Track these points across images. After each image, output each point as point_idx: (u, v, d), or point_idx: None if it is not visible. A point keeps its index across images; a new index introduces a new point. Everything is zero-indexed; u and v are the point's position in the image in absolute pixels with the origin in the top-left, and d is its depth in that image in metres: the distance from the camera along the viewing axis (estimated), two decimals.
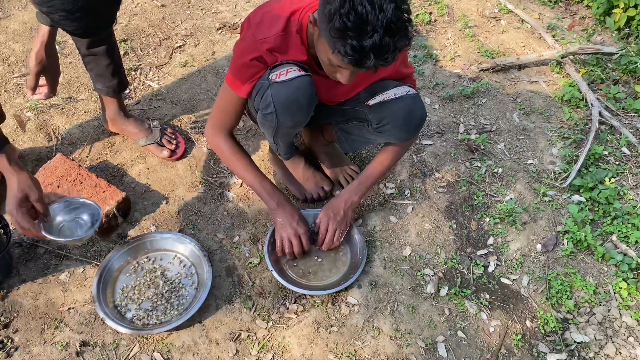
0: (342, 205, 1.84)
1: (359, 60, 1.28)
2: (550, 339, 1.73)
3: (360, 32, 1.23)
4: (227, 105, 1.70)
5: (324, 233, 1.84)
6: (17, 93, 2.38)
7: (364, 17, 1.21)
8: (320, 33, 1.34)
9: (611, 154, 2.23)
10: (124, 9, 2.84)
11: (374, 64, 1.28)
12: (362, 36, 1.23)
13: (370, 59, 1.27)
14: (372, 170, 1.85)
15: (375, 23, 1.22)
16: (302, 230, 1.81)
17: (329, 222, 1.84)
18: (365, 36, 1.23)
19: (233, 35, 2.75)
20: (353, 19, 1.22)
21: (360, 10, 1.21)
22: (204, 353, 1.66)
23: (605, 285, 1.85)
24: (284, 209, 1.81)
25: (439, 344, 1.70)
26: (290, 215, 1.81)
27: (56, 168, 1.96)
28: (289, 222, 1.80)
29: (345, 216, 1.85)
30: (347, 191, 1.86)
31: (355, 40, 1.24)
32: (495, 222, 2.01)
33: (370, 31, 1.23)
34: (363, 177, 1.86)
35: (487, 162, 2.20)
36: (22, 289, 1.77)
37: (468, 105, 2.44)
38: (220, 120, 1.75)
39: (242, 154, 1.79)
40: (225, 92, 1.67)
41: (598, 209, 2.04)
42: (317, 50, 1.43)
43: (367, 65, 1.29)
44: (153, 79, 2.50)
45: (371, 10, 1.21)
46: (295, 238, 1.80)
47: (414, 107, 1.68)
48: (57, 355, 1.63)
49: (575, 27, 2.84)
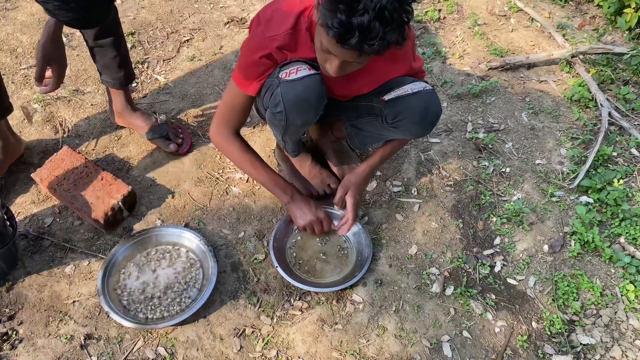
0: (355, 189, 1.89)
1: (343, 36, 1.26)
2: (556, 341, 1.72)
3: (351, 7, 1.22)
4: (234, 104, 1.69)
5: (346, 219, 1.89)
6: (24, 85, 2.37)
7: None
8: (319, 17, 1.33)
9: (620, 155, 2.21)
10: (131, 1, 2.84)
11: (357, 43, 1.26)
12: (352, 13, 1.22)
13: (355, 37, 1.25)
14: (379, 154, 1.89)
15: (367, 3, 1.20)
16: (321, 214, 1.85)
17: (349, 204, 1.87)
18: (355, 13, 1.22)
19: (241, 29, 2.74)
20: None
21: None
22: (208, 348, 1.66)
23: (612, 288, 1.84)
24: (299, 200, 1.84)
25: (444, 343, 1.69)
26: (306, 204, 1.84)
27: (62, 161, 1.96)
28: (308, 210, 1.84)
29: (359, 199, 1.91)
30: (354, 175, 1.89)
31: (344, 15, 1.23)
32: (502, 222, 2.00)
33: (360, 9, 1.21)
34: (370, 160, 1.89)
35: (495, 161, 2.19)
36: (27, 281, 1.77)
37: (476, 103, 2.42)
38: (227, 119, 1.73)
39: (250, 152, 1.78)
40: (232, 90, 1.66)
41: (606, 211, 2.02)
42: (315, 36, 1.41)
43: (350, 43, 1.26)
44: (160, 73, 2.49)
45: None
46: (317, 224, 1.84)
47: (431, 103, 1.67)
48: (62, 348, 1.63)
49: (585, 27, 2.82)
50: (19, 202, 1.97)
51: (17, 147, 2.03)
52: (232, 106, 1.70)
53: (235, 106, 1.69)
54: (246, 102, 1.67)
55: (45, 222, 1.91)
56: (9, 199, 1.97)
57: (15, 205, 1.95)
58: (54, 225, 1.91)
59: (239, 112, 1.71)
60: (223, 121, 1.74)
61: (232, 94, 1.67)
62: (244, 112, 1.72)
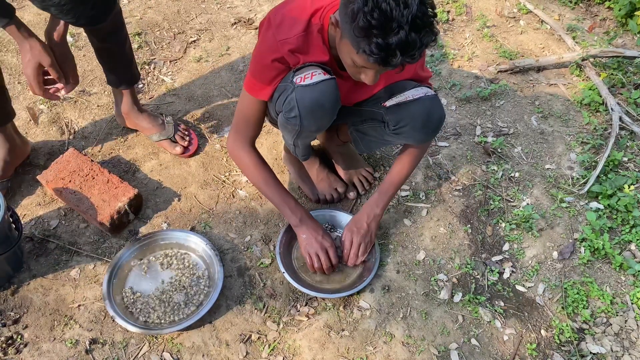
0: (364, 219, 1.81)
1: (385, 59, 1.24)
2: (565, 349, 1.69)
3: (385, 29, 1.20)
4: (248, 113, 1.67)
5: (348, 248, 1.81)
6: None
7: (389, 13, 1.18)
8: (343, 34, 1.31)
9: (631, 161, 2.19)
10: (138, 1, 2.82)
11: (400, 61, 1.25)
12: (388, 33, 1.20)
13: (397, 57, 1.23)
14: (392, 180, 1.81)
15: (400, 19, 1.18)
16: (327, 243, 1.79)
17: (353, 237, 1.81)
18: (390, 33, 1.20)
19: (248, 30, 2.72)
20: (377, 17, 1.19)
21: (385, 7, 1.18)
22: (213, 354, 1.64)
23: (623, 296, 1.82)
24: (308, 224, 1.78)
25: (452, 351, 1.67)
26: (315, 230, 1.78)
27: (68, 163, 1.95)
28: (314, 237, 1.77)
29: (369, 230, 1.81)
30: (368, 205, 1.83)
31: (380, 38, 1.21)
32: (511, 227, 1.98)
33: (395, 28, 1.19)
34: (383, 187, 1.82)
35: (504, 165, 2.17)
36: (32, 284, 1.76)
37: (485, 107, 2.40)
38: (242, 131, 1.71)
39: (264, 168, 1.75)
40: (245, 99, 1.64)
41: (617, 217, 2.00)
42: (340, 52, 1.40)
43: (393, 64, 1.26)
44: (167, 74, 2.48)
45: (395, 6, 1.17)
46: (322, 252, 1.77)
47: (433, 109, 1.64)
48: (67, 352, 1.62)
49: (596, 29, 2.79)
50: (25, 204, 1.96)
51: (23, 149, 2.03)
52: (246, 116, 1.68)
53: (249, 116, 1.67)
54: (260, 110, 1.65)
55: (50, 225, 1.91)
56: (14, 201, 1.96)
57: (21, 207, 1.95)
58: (60, 228, 1.90)
59: (254, 121, 1.69)
60: (238, 132, 1.72)
61: (245, 102, 1.65)
62: (258, 122, 1.69)
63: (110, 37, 1.92)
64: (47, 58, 1.57)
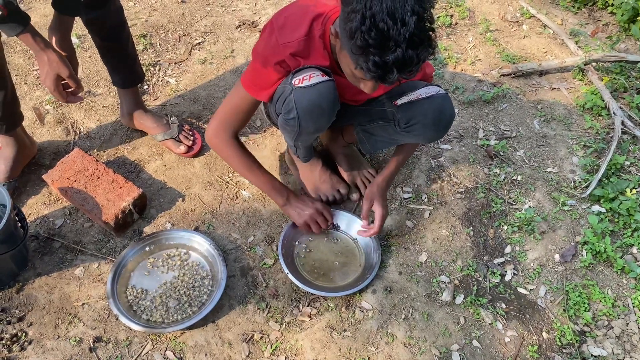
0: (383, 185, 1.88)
1: (382, 76, 1.26)
2: (566, 352, 1.70)
3: (382, 48, 1.20)
4: (240, 107, 1.68)
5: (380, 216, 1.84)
6: (36, 85, 2.38)
7: (386, 32, 1.18)
8: (342, 46, 1.33)
9: (633, 165, 2.19)
10: (144, 4, 2.85)
11: (397, 78, 1.26)
12: (385, 52, 1.21)
13: (394, 74, 1.24)
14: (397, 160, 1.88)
15: (397, 38, 1.18)
16: (319, 205, 1.86)
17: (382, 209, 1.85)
18: (387, 52, 1.21)
19: (252, 33, 2.74)
20: (375, 36, 1.19)
21: (382, 26, 1.18)
22: (216, 353, 1.65)
23: (624, 299, 1.82)
24: (294, 199, 1.85)
25: (454, 352, 1.68)
26: (302, 201, 1.85)
27: (74, 163, 1.96)
28: (304, 206, 1.85)
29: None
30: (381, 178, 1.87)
31: (377, 56, 1.21)
32: (513, 230, 1.98)
33: (392, 46, 1.20)
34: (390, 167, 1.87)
35: (506, 168, 2.18)
36: (37, 282, 1.77)
37: (488, 110, 2.41)
38: (229, 121, 1.72)
39: (247, 155, 1.78)
40: (240, 93, 1.65)
41: (618, 221, 2.00)
42: (340, 61, 1.42)
43: (390, 80, 1.27)
44: (172, 76, 2.50)
45: (393, 25, 1.17)
46: (318, 215, 1.85)
47: (444, 107, 1.66)
48: (71, 350, 1.63)
49: (598, 34, 2.80)
50: (30, 203, 1.97)
51: (31, 149, 2.05)
52: (237, 109, 1.69)
53: (240, 110, 1.69)
54: (253, 106, 1.68)
55: (55, 224, 1.92)
56: (20, 200, 1.97)
57: (26, 206, 1.96)
58: (65, 227, 1.92)
59: (243, 115, 1.70)
60: (224, 123, 1.72)
61: (240, 97, 1.66)
62: (247, 116, 1.72)
63: (112, 35, 1.94)
64: (66, 70, 1.57)
